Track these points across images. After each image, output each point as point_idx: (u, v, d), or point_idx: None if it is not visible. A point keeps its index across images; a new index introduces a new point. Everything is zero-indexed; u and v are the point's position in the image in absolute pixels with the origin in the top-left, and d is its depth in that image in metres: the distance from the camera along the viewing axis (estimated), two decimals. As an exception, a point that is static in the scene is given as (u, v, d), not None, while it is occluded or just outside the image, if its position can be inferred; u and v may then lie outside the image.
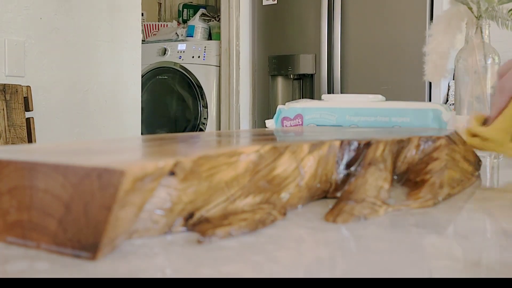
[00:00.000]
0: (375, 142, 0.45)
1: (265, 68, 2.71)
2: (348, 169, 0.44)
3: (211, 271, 0.25)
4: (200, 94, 2.89)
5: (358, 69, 2.44)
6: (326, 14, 2.48)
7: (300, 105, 0.76)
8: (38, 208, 0.28)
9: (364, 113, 0.71)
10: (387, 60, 2.36)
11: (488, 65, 0.95)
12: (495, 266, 0.27)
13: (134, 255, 0.28)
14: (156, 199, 0.31)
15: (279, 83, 2.72)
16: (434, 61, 1.03)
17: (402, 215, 0.38)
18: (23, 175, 0.29)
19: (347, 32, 2.45)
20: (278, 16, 2.65)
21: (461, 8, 0.98)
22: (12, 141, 1.55)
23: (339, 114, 0.72)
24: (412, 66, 2.26)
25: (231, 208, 0.34)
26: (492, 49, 0.95)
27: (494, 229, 0.36)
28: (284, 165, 0.38)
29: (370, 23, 2.40)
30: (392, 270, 0.26)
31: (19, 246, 0.29)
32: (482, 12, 0.93)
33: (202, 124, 2.89)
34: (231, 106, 2.81)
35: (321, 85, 2.51)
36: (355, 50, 2.44)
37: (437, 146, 0.47)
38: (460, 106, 0.96)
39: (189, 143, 0.40)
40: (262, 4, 2.70)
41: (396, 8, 2.34)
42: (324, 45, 2.49)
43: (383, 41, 2.36)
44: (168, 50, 2.97)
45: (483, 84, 0.94)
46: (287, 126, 0.75)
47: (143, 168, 0.27)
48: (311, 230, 0.34)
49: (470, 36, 0.96)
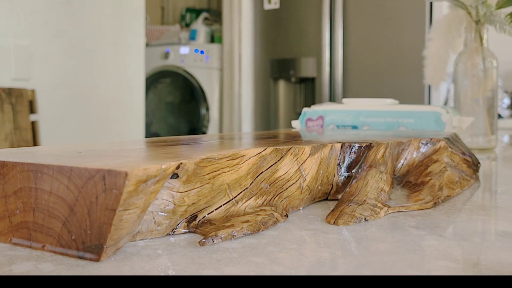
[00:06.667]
0: (376, 145, 0.45)
1: (267, 71, 2.72)
2: (349, 171, 0.44)
3: (213, 273, 0.26)
4: (202, 97, 2.89)
5: (360, 73, 2.44)
6: (328, 18, 2.48)
7: (322, 107, 0.84)
8: (43, 210, 0.28)
9: (375, 115, 0.79)
10: (387, 63, 2.37)
11: (486, 68, 0.95)
12: (494, 267, 0.27)
13: (138, 257, 0.28)
14: (159, 201, 0.31)
15: (281, 87, 2.73)
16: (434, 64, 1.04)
17: (402, 216, 0.38)
18: (28, 177, 0.29)
19: (348, 36, 2.46)
20: (280, 20, 2.65)
21: (460, 13, 0.99)
22: (17, 143, 1.55)
23: (354, 115, 0.81)
24: (412, 69, 2.26)
25: (233, 210, 0.35)
26: (490, 53, 0.96)
27: (493, 230, 0.37)
28: (286, 167, 0.39)
29: (371, 27, 2.40)
30: (393, 271, 0.26)
31: (24, 247, 0.29)
32: (481, 16, 0.93)
33: (204, 126, 2.90)
34: (233, 109, 2.81)
35: (323, 88, 2.51)
36: (356, 53, 2.44)
37: (437, 148, 0.48)
38: (460, 108, 0.97)
39: (191, 145, 0.40)
40: (264, 8, 2.70)
41: (396, 13, 2.34)
42: (325, 49, 2.49)
43: (383, 44, 2.37)
44: (170, 54, 2.98)
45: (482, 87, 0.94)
46: (311, 126, 0.84)
47: (146, 170, 0.27)
48: (312, 231, 0.34)
49: (469, 40, 0.97)
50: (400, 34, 2.33)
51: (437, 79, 1.06)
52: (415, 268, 0.27)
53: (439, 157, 0.47)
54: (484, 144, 0.96)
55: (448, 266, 0.27)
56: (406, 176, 0.47)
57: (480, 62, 0.94)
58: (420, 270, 0.27)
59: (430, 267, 0.27)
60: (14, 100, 1.56)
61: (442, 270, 0.27)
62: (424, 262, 0.28)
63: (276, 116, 2.75)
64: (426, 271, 0.27)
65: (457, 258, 0.29)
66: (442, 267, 0.27)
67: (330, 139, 0.48)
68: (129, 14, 1.99)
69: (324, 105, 0.85)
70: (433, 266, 0.27)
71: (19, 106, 1.57)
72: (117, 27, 1.94)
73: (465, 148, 0.55)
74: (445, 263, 0.28)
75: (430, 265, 0.27)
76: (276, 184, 0.38)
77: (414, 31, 2.29)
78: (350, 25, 2.45)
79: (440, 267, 0.27)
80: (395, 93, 2.28)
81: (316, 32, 2.52)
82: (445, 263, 0.28)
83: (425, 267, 0.27)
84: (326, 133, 0.61)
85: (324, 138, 0.51)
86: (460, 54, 0.98)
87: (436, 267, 0.27)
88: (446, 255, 0.29)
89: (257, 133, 0.59)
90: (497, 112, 1.02)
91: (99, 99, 1.89)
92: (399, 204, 0.41)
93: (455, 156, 0.50)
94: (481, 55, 0.95)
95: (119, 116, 1.97)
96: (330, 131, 0.69)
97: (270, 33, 2.70)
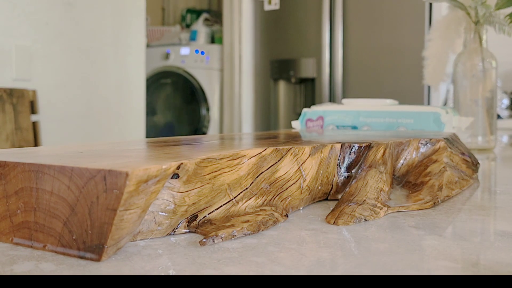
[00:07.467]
0: (375, 145, 0.45)
1: (267, 72, 2.72)
2: (349, 172, 0.45)
3: (214, 272, 0.26)
4: (202, 97, 2.90)
5: (359, 73, 2.44)
6: (328, 18, 2.49)
7: (322, 108, 0.85)
8: (44, 210, 0.29)
9: (374, 115, 0.79)
10: (387, 64, 2.37)
11: (485, 69, 0.95)
12: (493, 267, 0.27)
13: (138, 256, 0.28)
14: (160, 201, 0.31)
15: (281, 87, 2.73)
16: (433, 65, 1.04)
17: (402, 216, 0.38)
18: (29, 177, 0.29)
19: (348, 37, 2.46)
20: (280, 20, 2.66)
21: (459, 14, 0.99)
22: (18, 144, 1.56)
23: (354, 116, 0.81)
24: (411, 70, 2.26)
25: (234, 210, 0.35)
26: (489, 54, 0.96)
27: (492, 230, 0.37)
28: (286, 167, 0.39)
29: (370, 27, 2.40)
30: (392, 270, 0.26)
31: (25, 247, 0.29)
32: (480, 17, 0.94)
33: (205, 127, 2.90)
34: (233, 110, 2.82)
35: (323, 89, 2.51)
36: (356, 54, 2.45)
37: (436, 148, 0.48)
38: (459, 109, 0.97)
39: (192, 145, 0.40)
40: (264, 9, 2.71)
41: (396, 13, 2.35)
42: (325, 49, 2.49)
43: (383, 45, 2.37)
44: (171, 55, 2.98)
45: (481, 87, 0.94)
46: (311, 126, 0.84)
47: (147, 170, 0.27)
48: (312, 231, 0.34)
49: (468, 41, 0.97)
50: (400, 35, 2.33)
51: (437, 80, 1.07)
52: (415, 268, 0.27)
53: (438, 157, 0.47)
54: (483, 144, 0.96)
55: (447, 266, 0.27)
56: (406, 176, 0.47)
57: (479, 62, 0.94)
58: (420, 270, 0.27)
59: (429, 267, 0.27)
60: (15, 100, 1.56)
61: (442, 270, 0.27)
62: (424, 262, 0.28)
63: (276, 116, 2.75)
64: (425, 271, 0.27)
65: (457, 258, 0.29)
66: (441, 267, 0.27)
67: (330, 139, 0.48)
68: (129, 15, 1.99)
69: (324, 106, 0.85)
70: (432, 266, 0.27)
71: (20, 107, 1.58)
72: (118, 27, 1.94)
73: (464, 148, 0.55)
74: (445, 263, 0.28)
75: (429, 265, 0.28)
76: (276, 184, 0.38)
77: (414, 32, 2.29)
78: (350, 26, 2.46)
79: (439, 267, 0.27)
80: (395, 93, 2.29)
81: (316, 32, 2.52)
82: (444, 263, 0.28)
83: (425, 267, 0.27)
84: (326, 134, 0.62)
85: (324, 138, 0.51)
86: (460, 54, 0.98)
87: (436, 267, 0.27)
88: (446, 255, 0.29)
89: (257, 134, 0.59)
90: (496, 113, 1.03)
91: (100, 99, 1.89)
92: (398, 204, 0.41)
93: (455, 156, 0.50)
94: (480, 55, 0.95)
95: (119, 117, 1.97)
96: (330, 131, 0.70)
97: (270, 33, 2.70)
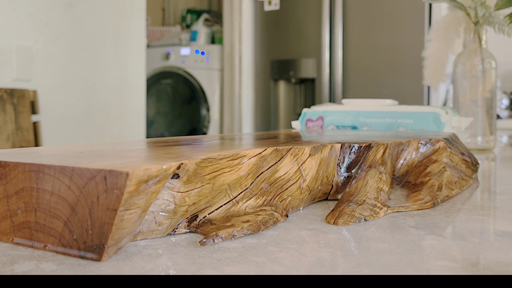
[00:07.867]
0: (375, 145, 0.45)
1: (267, 72, 2.72)
2: (349, 172, 0.45)
3: (214, 272, 0.26)
4: (203, 97, 2.90)
5: (359, 73, 2.44)
6: (328, 19, 2.49)
7: (322, 108, 0.85)
8: (45, 210, 0.29)
9: (374, 116, 0.79)
10: (387, 64, 2.37)
11: (485, 69, 0.95)
12: (493, 267, 0.27)
13: (139, 256, 0.28)
14: (160, 201, 0.31)
15: (281, 87, 2.73)
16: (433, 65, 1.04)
17: (401, 216, 0.39)
18: (30, 177, 0.29)
19: (348, 37, 2.46)
20: (280, 21, 2.66)
21: (459, 14, 0.99)
22: (19, 144, 1.56)
23: (354, 116, 0.81)
24: (411, 70, 2.27)
25: (234, 210, 0.35)
26: (489, 54, 0.96)
27: (492, 230, 0.37)
28: (286, 167, 0.39)
29: (370, 28, 2.41)
30: (392, 270, 0.27)
31: (26, 247, 0.29)
32: (480, 18, 0.94)
33: (205, 127, 2.90)
34: (234, 110, 2.82)
35: (323, 89, 2.52)
36: (356, 54, 2.45)
37: (436, 148, 0.48)
38: (459, 109, 0.97)
39: (192, 146, 0.41)
40: (264, 10, 2.71)
41: (395, 14, 2.35)
42: (325, 50, 2.49)
43: (383, 45, 2.37)
44: (171, 55, 2.98)
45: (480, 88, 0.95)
46: (310, 126, 0.84)
47: (147, 170, 0.27)
48: (312, 231, 0.34)
49: (468, 41, 0.97)
50: (400, 35, 2.33)
51: (436, 80, 1.07)
52: (415, 267, 0.27)
53: (438, 158, 0.47)
54: (483, 144, 0.96)
55: (447, 266, 0.27)
56: (406, 176, 0.47)
57: (479, 63, 0.95)
58: (420, 270, 0.27)
59: (429, 267, 0.27)
60: (16, 100, 1.56)
61: (441, 269, 0.27)
62: (423, 262, 0.28)
63: (276, 116, 2.75)
64: (425, 271, 0.27)
65: (456, 257, 0.29)
66: (441, 267, 0.27)
67: (330, 139, 0.48)
68: (130, 15, 1.99)
69: (324, 106, 0.85)
70: (432, 265, 0.28)
71: (21, 107, 1.58)
72: (118, 28, 1.94)
73: (464, 148, 0.55)
74: (444, 263, 0.28)
75: (429, 265, 0.28)
76: (276, 184, 0.38)
77: (414, 32, 2.29)
78: (349, 26, 2.46)
79: (439, 266, 0.27)
80: (395, 93, 2.29)
81: (316, 33, 2.52)
82: (444, 263, 0.28)
83: (424, 267, 0.27)
84: (326, 134, 0.62)
85: (324, 138, 0.51)
86: (459, 55, 0.98)
87: (435, 267, 0.27)
88: (445, 254, 0.29)
89: (257, 134, 0.59)
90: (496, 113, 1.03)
91: (101, 99, 1.89)
92: (398, 204, 0.41)
93: (454, 156, 0.50)
94: (480, 56, 0.95)
95: (120, 117, 1.97)
96: (330, 131, 0.70)
97: (270, 34, 2.70)
